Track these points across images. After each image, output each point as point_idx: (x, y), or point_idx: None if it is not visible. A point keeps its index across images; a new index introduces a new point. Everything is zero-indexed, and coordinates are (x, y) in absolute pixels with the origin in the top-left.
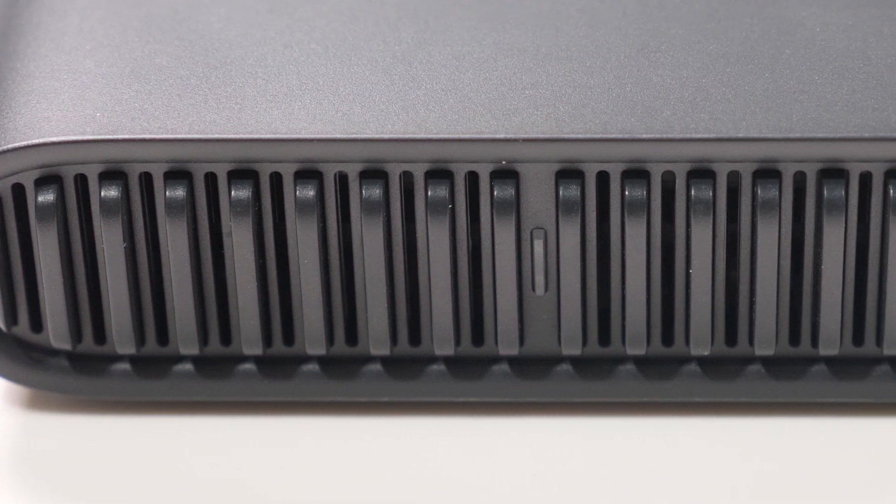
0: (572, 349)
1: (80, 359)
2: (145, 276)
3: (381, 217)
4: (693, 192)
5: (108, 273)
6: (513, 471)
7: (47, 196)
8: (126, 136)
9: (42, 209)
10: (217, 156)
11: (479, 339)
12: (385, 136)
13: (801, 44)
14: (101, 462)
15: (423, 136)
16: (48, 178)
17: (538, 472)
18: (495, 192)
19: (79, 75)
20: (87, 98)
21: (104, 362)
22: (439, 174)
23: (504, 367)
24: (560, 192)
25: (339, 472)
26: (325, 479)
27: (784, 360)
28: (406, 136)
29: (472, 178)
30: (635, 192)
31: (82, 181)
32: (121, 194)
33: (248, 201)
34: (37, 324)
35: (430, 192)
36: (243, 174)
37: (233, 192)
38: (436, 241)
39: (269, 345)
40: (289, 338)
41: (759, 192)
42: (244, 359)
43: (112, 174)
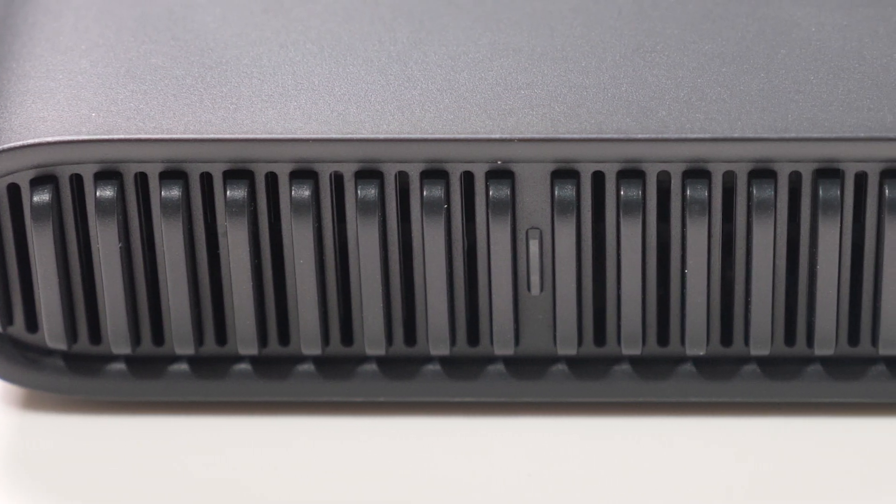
0: (568, 349)
1: (75, 359)
2: (141, 276)
3: (377, 217)
4: (688, 192)
5: (103, 273)
6: (508, 471)
7: (43, 196)
8: (121, 136)
9: (37, 209)
10: (212, 156)
11: (474, 339)
12: (380, 136)
13: (797, 44)
14: (96, 462)
15: (418, 136)
16: (44, 178)
17: (534, 472)
18: (491, 192)
19: (74, 75)
20: (83, 98)
21: (100, 362)
22: (435, 174)
23: (499, 367)
24: (555, 192)
25: (335, 472)
26: (321, 479)
27: (779, 360)
28: (401, 136)
29: (468, 178)
30: (631, 192)
31: (78, 181)
32: (116, 194)
33: (243, 201)
34: (32, 324)
35: (425, 192)
36: (239, 174)
37: (228, 192)
38: (431, 241)
39: (264, 345)
40: (284, 338)
41: (755, 192)
42: (240, 359)
43: (107, 174)
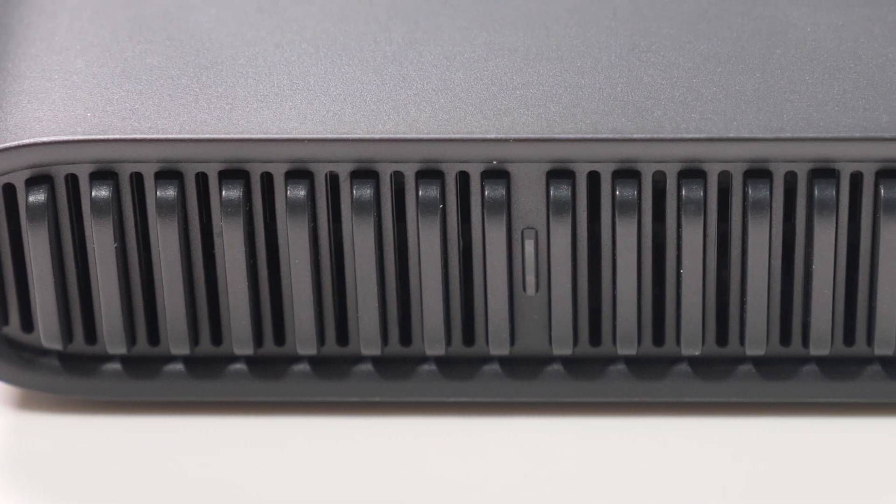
0: (563, 349)
1: (70, 359)
2: (136, 276)
3: (372, 217)
4: (684, 192)
5: (98, 273)
6: (504, 471)
7: (38, 196)
8: (117, 136)
9: (33, 209)
10: (208, 156)
11: (469, 339)
12: (376, 136)
13: (792, 44)
14: (91, 462)
15: (413, 136)
16: (39, 178)
17: (529, 472)
18: (486, 192)
19: (69, 75)
20: (78, 98)
21: (95, 362)
22: (430, 174)
23: (495, 367)
24: (551, 192)
25: (330, 472)
26: (316, 479)
27: (775, 360)
28: (397, 136)
29: (463, 177)
30: (626, 192)
31: (73, 181)
32: (111, 194)
33: (238, 201)
34: (28, 324)
35: (420, 192)
36: (234, 174)
37: (223, 192)
38: (427, 241)
39: (259, 345)
40: (279, 338)
41: (750, 191)
42: (235, 359)
43: (103, 174)
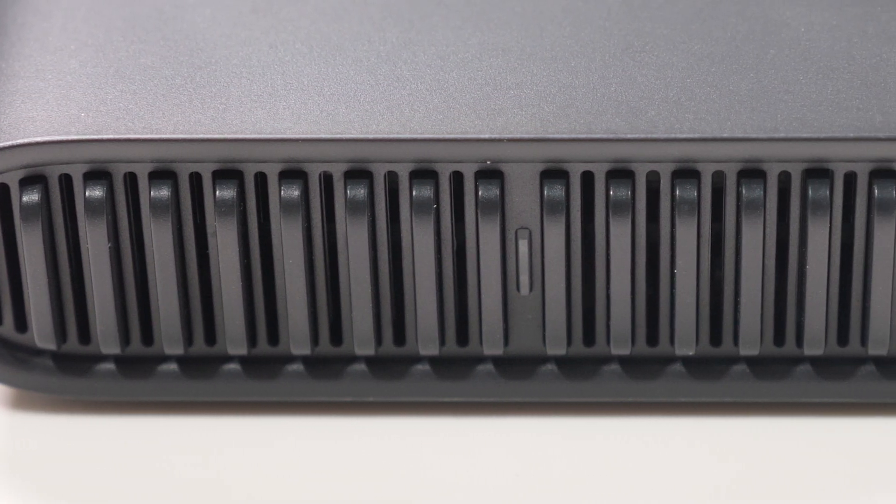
0: (557, 349)
1: (64, 359)
2: (130, 276)
3: (366, 217)
4: (678, 192)
5: (92, 273)
6: (497, 470)
7: (32, 196)
8: (111, 136)
9: (27, 209)
10: (202, 156)
11: (463, 339)
12: (370, 136)
13: (786, 44)
14: (85, 462)
15: (407, 136)
16: (33, 178)
17: (522, 472)
18: (480, 192)
19: (63, 75)
20: (72, 98)
21: (89, 362)
22: (424, 174)
23: (489, 367)
24: (545, 192)
25: (324, 472)
26: (310, 479)
27: (769, 361)
28: (391, 136)
29: (457, 177)
30: (620, 192)
31: (67, 181)
32: (105, 194)
33: (232, 201)
34: (21, 324)
35: (414, 192)
36: (228, 174)
37: (217, 192)
38: (420, 241)
39: (253, 345)
40: (273, 338)
41: (744, 192)
42: (229, 359)
43: (97, 174)
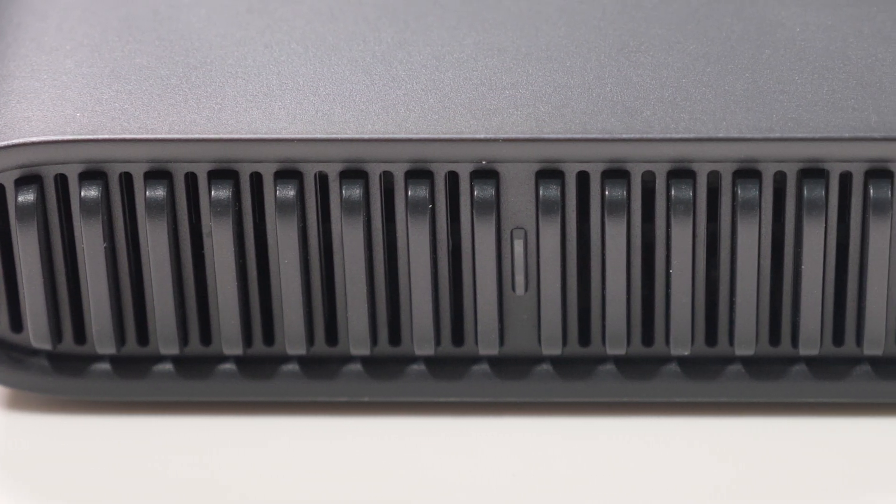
0: (552, 349)
1: (60, 359)
2: (125, 276)
3: (362, 217)
4: (673, 192)
5: (88, 273)
6: (493, 471)
7: (27, 196)
8: (106, 136)
9: (22, 209)
10: (197, 156)
11: (459, 338)
12: (365, 136)
13: (782, 44)
14: (80, 462)
15: (403, 136)
16: (28, 178)
17: (518, 472)
18: (475, 192)
19: (59, 75)
20: (68, 98)
21: (84, 362)
22: (419, 174)
23: (484, 366)
24: (540, 192)
25: (320, 472)
26: (306, 479)
27: (764, 360)
28: (386, 136)
29: (453, 177)
30: (615, 192)
31: (62, 181)
32: (101, 194)
33: (228, 201)
34: (17, 324)
35: (410, 192)
36: (223, 174)
37: (213, 192)
38: (416, 241)
39: (249, 345)
40: (269, 338)
41: (740, 192)
42: (224, 359)
43: (92, 174)
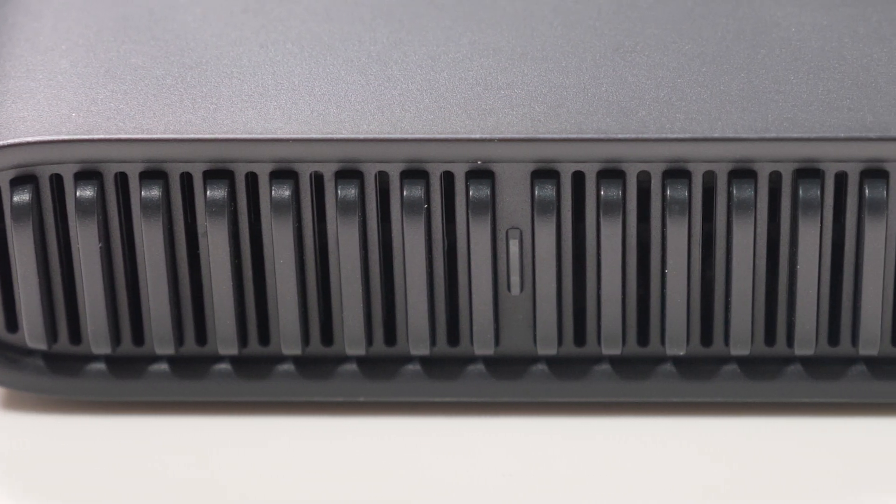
0: (548, 349)
1: (55, 359)
2: (121, 276)
3: (357, 217)
4: (668, 192)
5: (83, 273)
6: (488, 471)
7: (23, 196)
8: (101, 136)
9: (17, 209)
10: (192, 156)
11: (454, 339)
12: (360, 136)
13: (777, 44)
14: (76, 462)
15: (398, 136)
16: (24, 178)
17: (513, 472)
18: (471, 192)
19: (54, 75)
20: (63, 98)
21: (80, 362)
22: (415, 174)
23: (479, 367)
24: (535, 192)
25: (314, 471)
26: (301, 479)
27: (759, 360)
28: (381, 136)
29: (448, 178)
30: (611, 192)
31: (58, 181)
32: (96, 194)
33: (223, 201)
34: (12, 323)
35: (405, 192)
36: (219, 174)
37: (208, 192)
38: (411, 241)
39: (244, 345)
40: (264, 338)
41: (735, 191)
42: (220, 359)
43: (87, 174)
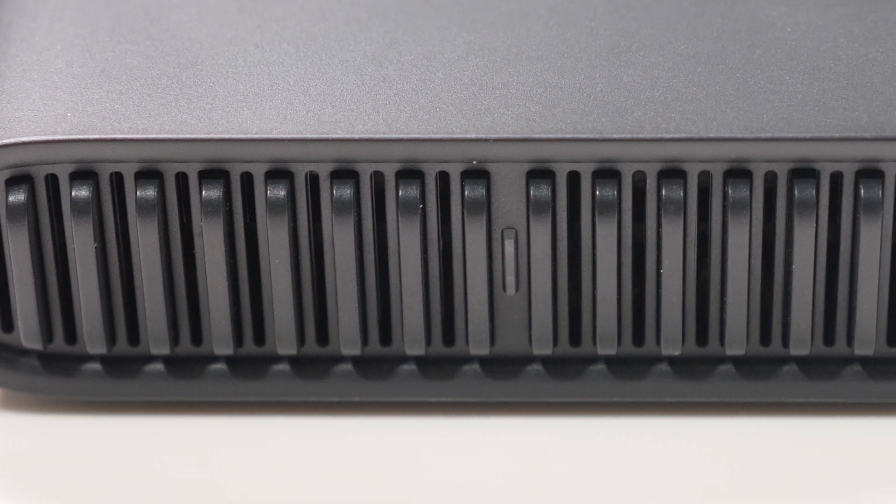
0: (543, 349)
1: (50, 359)
2: (116, 276)
3: (352, 217)
4: (664, 192)
5: (78, 273)
6: (484, 470)
7: (18, 196)
8: (97, 136)
9: (13, 209)
10: (188, 156)
11: (449, 339)
12: (356, 135)
13: (772, 44)
14: (71, 462)
15: (393, 135)
16: (19, 178)
17: (509, 472)
18: (466, 192)
19: (49, 75)
20: (58, 98)
21: (75, 362)
22: (410, 174)
23: (475, 367)
24: (531, 192)
25: (313, 472)
26: (299, 479)
27: (755, 360)
28: (377, 135)
29: (443, 177)
30: (606, 192)
31: (53, 181)
32: (92, 194)
33: (218, 201)
34: (7, 324)
35: (400, 192)
36: (214, 174)
37: (203, 192)
38: (407, 241)
39: (239, 345)
40: (259, 338)
41: (730, 191)
42: (215, 359)
43: (83, 174)
